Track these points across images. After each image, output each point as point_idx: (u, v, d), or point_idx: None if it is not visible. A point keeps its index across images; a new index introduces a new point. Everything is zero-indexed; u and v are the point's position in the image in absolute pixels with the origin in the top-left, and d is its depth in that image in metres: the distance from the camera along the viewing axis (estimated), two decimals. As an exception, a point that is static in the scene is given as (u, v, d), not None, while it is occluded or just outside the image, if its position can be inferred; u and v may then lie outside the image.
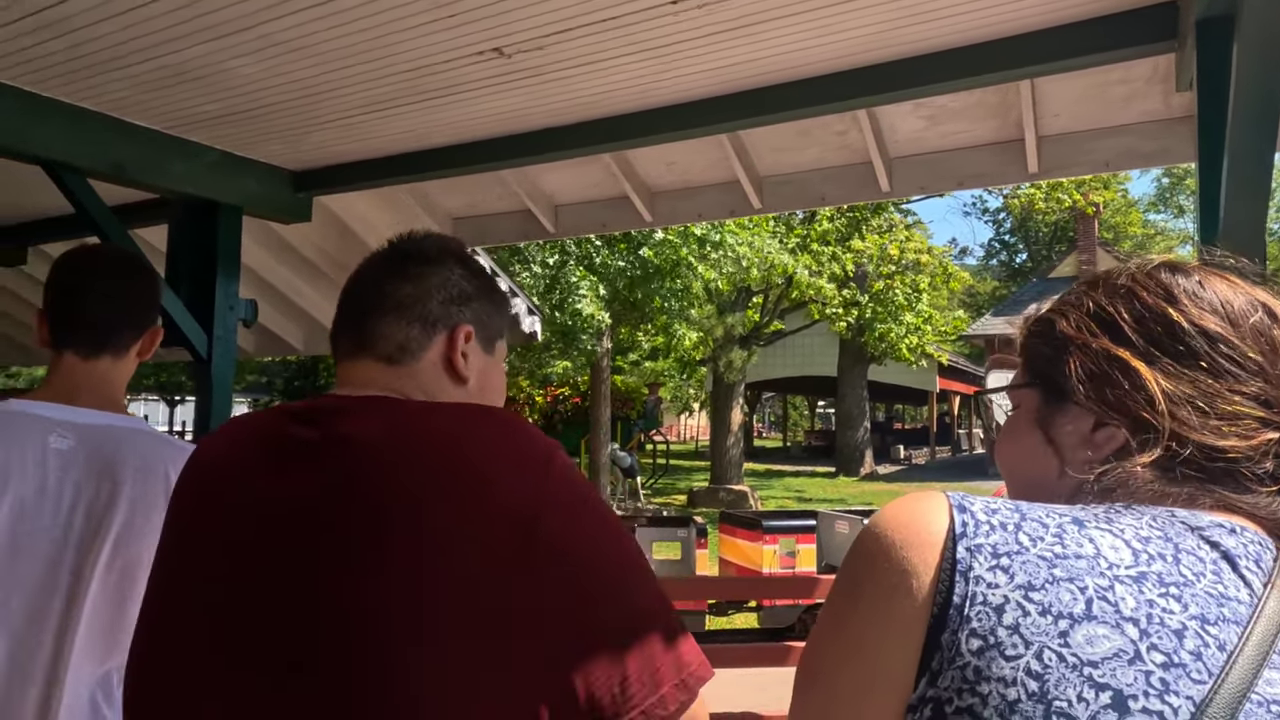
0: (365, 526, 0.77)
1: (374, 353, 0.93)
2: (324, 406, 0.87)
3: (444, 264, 0.98)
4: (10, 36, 2.61)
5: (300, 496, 0.81)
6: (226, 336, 3.84)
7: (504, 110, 3.09)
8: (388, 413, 0.84)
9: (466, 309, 0.97)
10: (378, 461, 0.79)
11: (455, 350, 0.95)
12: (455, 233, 4.85)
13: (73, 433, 1.27)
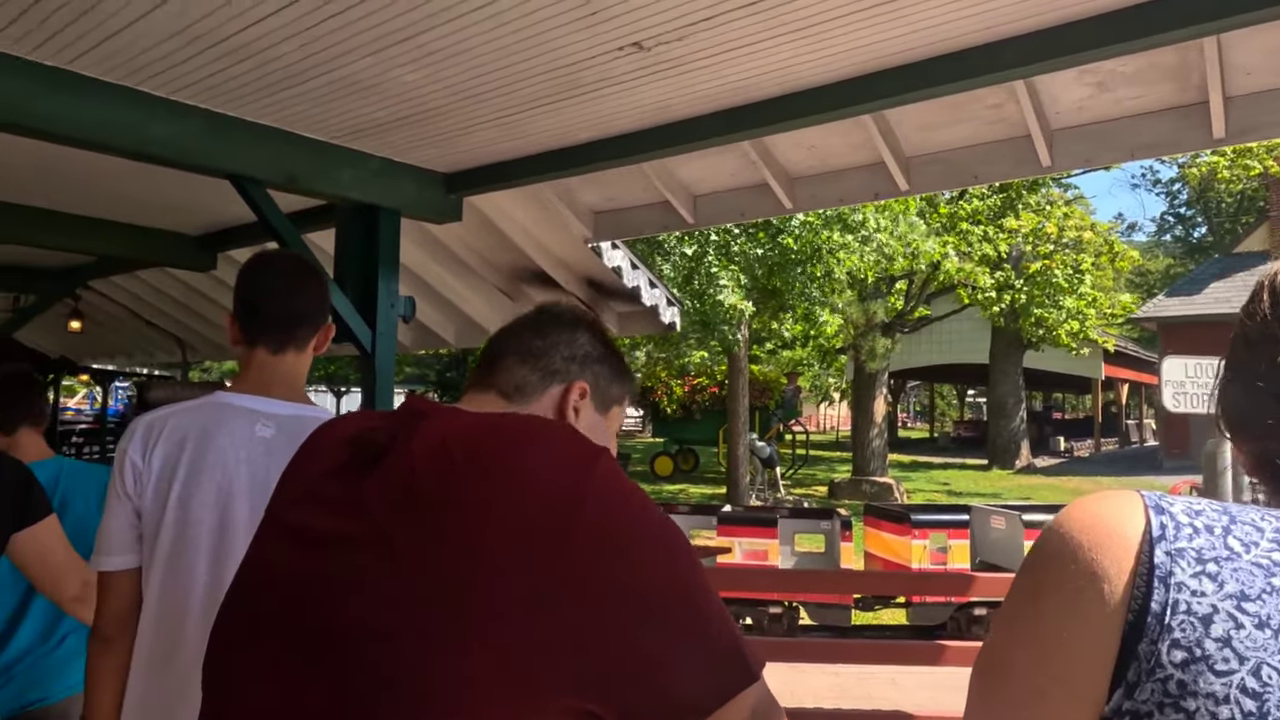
0: (405, 522, 0.78)
1: (495, 387, 1.02)
2: (409, 409, 0.91)
3: (575, 328, 1.07)
4: (203, 64, 2.88)
5: (357, 490, 0.84)
6: (388, 332, 4.10)
7: (645, 103, 3.12)
8: (449, 419, 0.86)
9: (586, 369, 1.06)
10: (427, 458, 0.81)
11: (567, 402, 1.03)
12: (596, 226, 4.96)
13: (273, 422, 1.40)
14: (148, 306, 8.85)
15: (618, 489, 0.78)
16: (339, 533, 0.81)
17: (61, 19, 2.57)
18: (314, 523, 0.85)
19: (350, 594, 0.77)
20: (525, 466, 0.78)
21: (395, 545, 0.77)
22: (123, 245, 5.71)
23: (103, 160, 4.01)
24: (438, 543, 0.75)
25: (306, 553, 0.84)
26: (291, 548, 0.86)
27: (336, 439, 0.92)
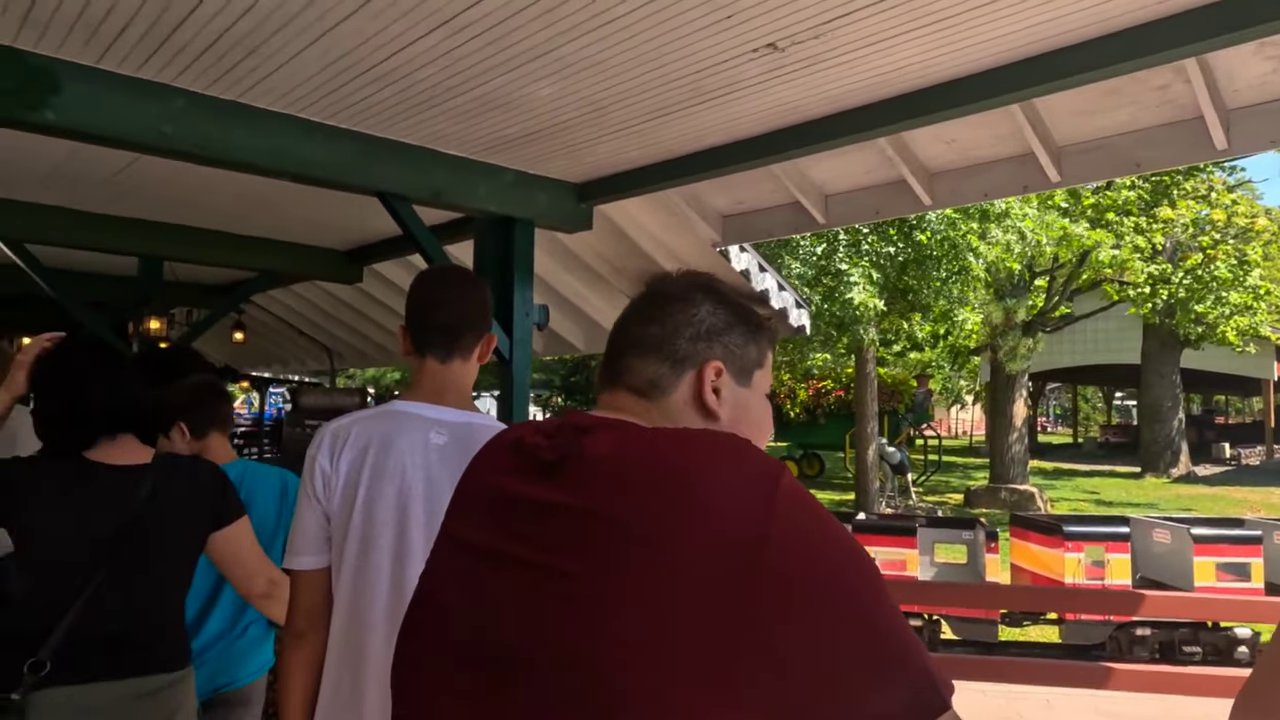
0: (584, 545, 0.76)
1: (626, 385, 0.96)
2: (570, 424, 0.89)
3: (690, 301, 0.97)
4: (353, 90, 3.05)
5: (531, 508, 0.83)
6: (524, 339, 4.22)
7: (778, 104, 3.07)
8: (620, 434, 0.84)
9: (715, 344, 0.96)
10: (602, 480, 0.79)
11: (704, 387, 0.94)
12: (724, 230, 4.93)
13: (446, 430, 1.46)
14: (300, 318, 9.50)
15: (803, 512, 0.75)
16: (513, 555, 0.80)
17: (234, 57, 2.79)
18: (487, 541, 0.84)
19: (528, 619, 0.76)
20: (705, 494, 0.74)
21: (573, 573, 0.75)
22: (281, 261, 6.16)
23: (264, 183, 4.33)
24: (619, 573, 0.72)
25: (480, 573, 0.83)
26: (466, 566, 0.86)
27: (505, 455, 0.91)
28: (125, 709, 1.59)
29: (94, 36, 2.65)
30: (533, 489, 0.83)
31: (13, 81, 2.73)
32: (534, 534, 0.80)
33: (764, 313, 1.03)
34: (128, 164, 4.14)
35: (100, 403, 1.69)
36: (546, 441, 0.87)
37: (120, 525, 1.61)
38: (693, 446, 0.80)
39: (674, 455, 0.79)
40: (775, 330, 1.04)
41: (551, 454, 0.85)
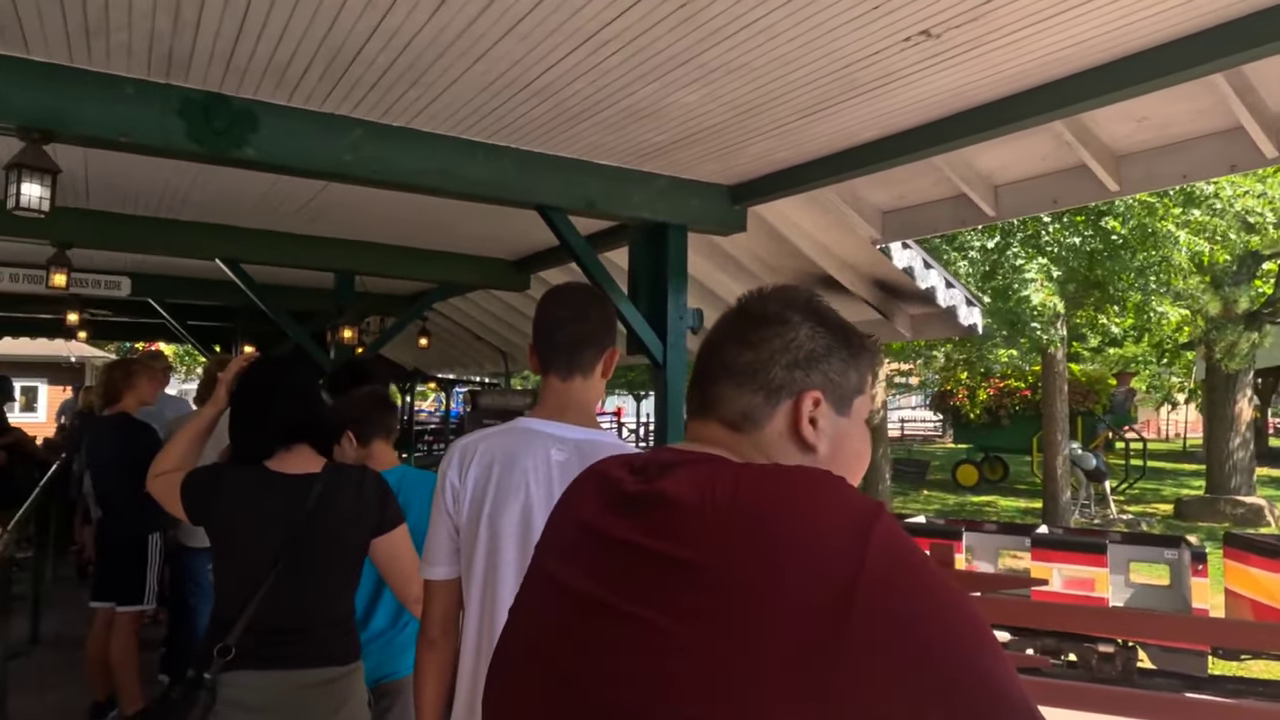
0: (662, 591, 0.72)
1: (717, 416, 0.90)
2: (657, 460, 0.86)
3: (787, 324, 0.89)
4: (510, 108, 3.19)
5: (612, 547, 0.80)
6: (678, 343, 4.24)
7: (937, 92, 2.89)
8: (703, 471, 0.79)
9: (814, 372, 0.88)
10: (682, 522, 0.75)
11: (801, 419, 0.87)
12: (884, 227, 4.72)
13: (567, 446, 1.50)
14: (476, 323, 10.08)
15: (901, 559, 0.68)
16: (594, 596, 0.78)
17: (400, 88, 2.99)
18: (571, 579, 0.83)
19: (607, 666, 0.74)
20: (789, 540, 0.69)
21: (650, 621, 0.71)
22: (456, 272, 6.56)
23: (437, 201, 4.63)
24: (694, 621, 0.69)
25: (564, 612, 0.82)
26: (551, 603, 0.84)
27: (593, 490, 0.89)
28: (300, 696, 1.75)
29: (283, 79, 2.93)
30: (615, 527, 0.81)
31: (222, 123, 3.07)
32: (614, 575, 0.78)
33: (866, 333, 0.95)
34: (318, 191, 4.56)
35: (279, 420, 1.87)
36: (631, 478, 0.84)
37: (292, 528, 1.78)
38: (779, 487, 0.75)
39: (759, 496, 0.74)
40: (879, 353, 0.93)
41: (635, 491, 0.82)
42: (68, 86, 2.82)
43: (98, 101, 2.87)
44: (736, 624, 0.67)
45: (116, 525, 4.02)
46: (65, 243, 5.48)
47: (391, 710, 2.24)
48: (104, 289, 7.15)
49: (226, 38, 2.61)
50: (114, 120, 2.90)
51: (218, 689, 1.73)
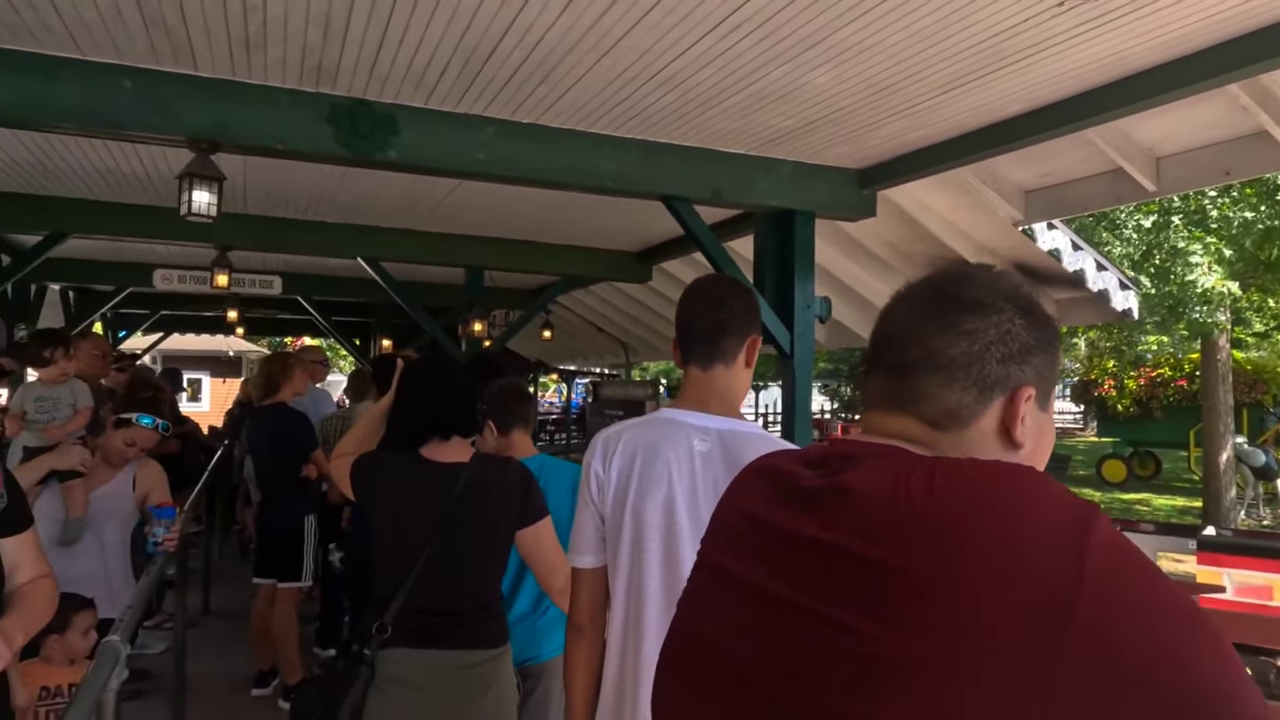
0: (852, 592, 0.68)
1: (917, 412, 0.81)
2: (837, 453, 0.80)
3: (1001, 312, 0.81)
4: (637, 100, 3.19)
5: (790, 543, 0.76)
6: (805, 333, 4.15)
7: (1093, 59, 2.69)
8: (896, 464, 0.74)
9: (1027, 365, 0.80)
10: (876, 515, 0.70)
11: (1015, 416, 0.79)
12: (1027, 207, 4.45)
13: (710, 437, 1.48)
14: (599, 315, 10.24)
15: (1126, 564, 0.62)
16: (772, 593, 0.75)
17: (530, 85, 3.05)
18: (745, 575, 0.79)
19: (788, 664, 0.71)
20: (1000, 542, 0.63)
21: (839, 621, 0.67)
22: (579, 265, 6.67)
23: (562, 195, 4.71)
24: (892, 627, 0.64)
25: (738, 607, 0.79)
26: (723, 598, 0.81)
27: (763, 483, 0.85)
28: (450, 676, 1.82)
29: (421, 82, 3.05)
30: (793, 523, 0.77)
31: (366, 128, 3.23)
32: (794, 572, 0.74)
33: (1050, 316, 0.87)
34: (451, 190, 4.74)
35: (432, 413, 1.95)
36: (807, 471, 0.80)
37: (442, 513, 1.85)
38: (984, 483, 0.69)
39: (962, 493, 0.68)
40: None
41: (814, 486, 0.77)
42: (231, 99, 3.03)
43: (257, 111, 3.07)
44: (939, 630, 0.62)
45: (274, 508, 4.32)
46: (226, 245, 5.94)
47: (534, 693, 2.30)
48: (259, 288, 7.70)
49: (370, 46, 2.74)
50: (271, 128, 3.10)
51: (377, 665, 1.83)
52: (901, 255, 5.30)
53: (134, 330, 11.91)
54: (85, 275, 7.74)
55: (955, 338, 0.80)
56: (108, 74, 2.88)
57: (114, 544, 2.82)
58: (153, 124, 2.95)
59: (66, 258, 6.88)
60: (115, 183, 4.73)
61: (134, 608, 2.26)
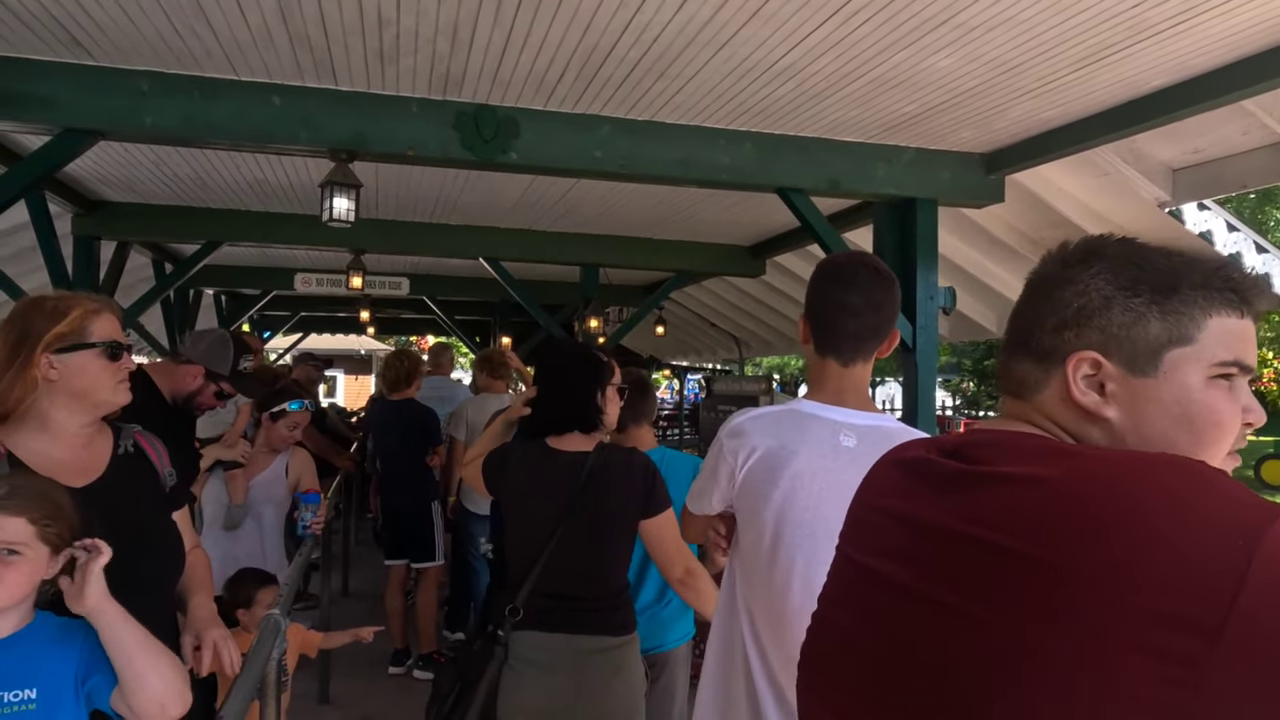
0: (991, 585, 0.65)
1: (1006, 388, 0.83)
2: (973, 441, 0.78)
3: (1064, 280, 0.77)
4: (751, 92, 3.17)
5: (933, 531, 0.73)
6: (928, 325, 4.02)
7: (1252, 23, 2.49)
8: (1035, 451, 0.71)
9: (1087, 329, 0.75)
10: (1016, 505, 0.67)
11: (1072, 391, 0.75)
12: (1175, 187, 4.14)
13: (854, 433, 1.46)
14: (711, 310, 10.23)
15: None
16: (910, 586, 0.74)
17: (646, 83, 3.09)
18: (883, 568, 0.79)
19: (929, 660, 0.69)
20: (1154, 539, 0.59)
21: (978, 616, 0.65)
22: (692, 260, 6.69)
23: (675, 191, 4.74)
24: (1034, 622, 0.62)
25: (876, 602, 0.78)
26: (862, 593, 0.81)
27: (899, 475, 0.84)
28: (578, 660, 1.88)
29: (541, 85, 3.14)
30: (928, 513, 0.75)
31: (490, 132, 3.36)
32: (933, 564, 0.72)
33: (1213, 262, 0.78)
34: (568, 189, 4.85)
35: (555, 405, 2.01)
36: (944, 460, 0.78)
37: (569, 499, 1.90)
38: (1143, 472, 0.65)
39: (1105, 486, 0.64)
40: (1229, 290, 0.75)
41: (951, 474, 0.75)
42: (367, 110, 3.22)
43: (390, 121, 3.25)
44: (1082, 625, 0.60)
45: (401, 494, 4.55)
46: (360, 249, 6.29)
47: (659, 682, 2.34)
48: (388, 289, 8.11)
49: (494, 52, 2.84)
50: (403, 136, 3.27)
51: (510, 645, 1.91)
52: (1031, 242, 5.04)
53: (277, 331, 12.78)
54: (235, 280, 8.37)
55: (1026, 305, 0.81)
56: (259, 92, 3.12)
57: (271, 526, 3.07)
58: (299, 136, 3.17)
59: (220, 264, 7.46)
60: (263, 193, 5.10)
61: (289, 585, 2.44)
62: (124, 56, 2.92)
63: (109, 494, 1.45)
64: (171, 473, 1.63)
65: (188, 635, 1.50)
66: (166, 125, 3.06)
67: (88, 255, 5.31)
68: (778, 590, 1.47)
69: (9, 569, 1.19)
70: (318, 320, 13.15)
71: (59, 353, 1.43)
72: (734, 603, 1.56)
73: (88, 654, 1.24)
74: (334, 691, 4.07)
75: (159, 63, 2.97)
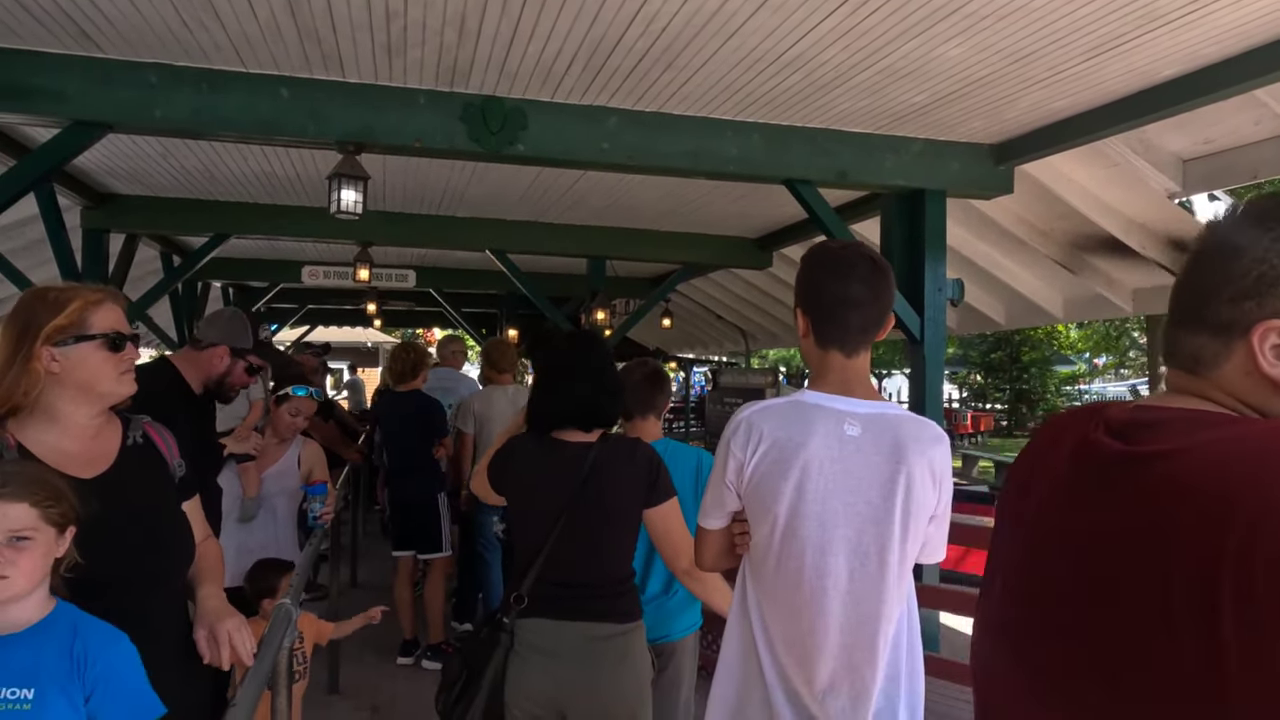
0: (1162, 570, 0.63)
1: (1176, 362, 0.79)
2: (1140, 420, 0.75)
3: (1237, 250, 0.74)
4: (760, 83, 3.16)
5: (1095, 519, 0.72)
6: (936, 317, 4.01)
7: (1261, 13, 2.47)
8: (1207, 430, 0.69)
9: (1269, 299, 0.72)
10: (1187, 490, 0.65)
11: (1258, 363, 0.72)
12: (1185, 178, 4.11)
13: (859, 422, 1.46)
14: (717, 303, 10.21)
15: None
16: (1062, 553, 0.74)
17: (654, 74, 3.08)
18: (1036, 534, 0.79)
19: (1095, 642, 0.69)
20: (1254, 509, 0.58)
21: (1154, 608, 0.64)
22: (699, 252, 6.68)
23: (683, 183, 4.73)
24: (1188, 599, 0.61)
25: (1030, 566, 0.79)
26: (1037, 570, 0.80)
27: (1068, 452, 0.81)
28: (583, 647, 1.88)
29: (548, 76, 3.13)
30: (1091, 496, 0.74)
31: (497, 124, 3.35)
32: (1086, 546, 0.72)
33: None
34: (575, 181, 4.84)
35: (554, 402, 2.01)
36: (1110, 440, 0.75)
37: (573, 489, 1.91)
38: (1258, 448, 0.64)
39: (1248, 466, 0.63)
40: None
41: (1119, 454, 0.73)
42: (374, 102, 3.22)
43: (398, 113, 3.25)
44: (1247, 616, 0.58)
45: (407, 486, 4.57)
46: (367, 241, 6.30)
47: (665, 671, 2.35)
48: (395, 281, 8.12)
49: (501, 43, 2.84)
50: (410, 128, 3.27)
51: (516, 633, 1.92)
52: (1040, 233, 5.02)
53: (284, 324, 12.82)
54: (243, 273, 8.40)
55: (1195, 273, 0.78)
56: (267, 84, 3.12)
57: (285, 517, 3.09)
58: (306, 129, 3.17)
59: (228, 257, 7.49)
60: (271, 186, 5.11)
61: (300, 574, 2.46)
62: (133, 49, 2.93)
63: (118, 485, 1.46)
64: (181, 463, 1.63)
65: (200, 627, 1.51)
66: (175, 118, 3.07)
67: (97, 248, 5.33)
68: (788, 583, 1.47)
69: (22, 555, 1.20)
70: (325, 313, 13.18)
71: (59, 345, 1.43)
72: (745, 599, 1.57)
73: (97, 674, 1.24)
74: (343, 681, 4.09)
75: (168, 55, 2.97)
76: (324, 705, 3.92)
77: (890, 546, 1.44)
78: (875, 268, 1.52)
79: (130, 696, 1.26)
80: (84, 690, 1.23)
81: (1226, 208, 0.79)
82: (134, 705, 1.27)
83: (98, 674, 1.24)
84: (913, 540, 1.47)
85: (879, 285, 1.51)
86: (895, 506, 1.44)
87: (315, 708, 3.83)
